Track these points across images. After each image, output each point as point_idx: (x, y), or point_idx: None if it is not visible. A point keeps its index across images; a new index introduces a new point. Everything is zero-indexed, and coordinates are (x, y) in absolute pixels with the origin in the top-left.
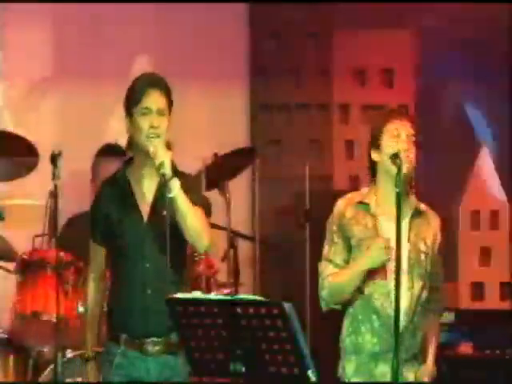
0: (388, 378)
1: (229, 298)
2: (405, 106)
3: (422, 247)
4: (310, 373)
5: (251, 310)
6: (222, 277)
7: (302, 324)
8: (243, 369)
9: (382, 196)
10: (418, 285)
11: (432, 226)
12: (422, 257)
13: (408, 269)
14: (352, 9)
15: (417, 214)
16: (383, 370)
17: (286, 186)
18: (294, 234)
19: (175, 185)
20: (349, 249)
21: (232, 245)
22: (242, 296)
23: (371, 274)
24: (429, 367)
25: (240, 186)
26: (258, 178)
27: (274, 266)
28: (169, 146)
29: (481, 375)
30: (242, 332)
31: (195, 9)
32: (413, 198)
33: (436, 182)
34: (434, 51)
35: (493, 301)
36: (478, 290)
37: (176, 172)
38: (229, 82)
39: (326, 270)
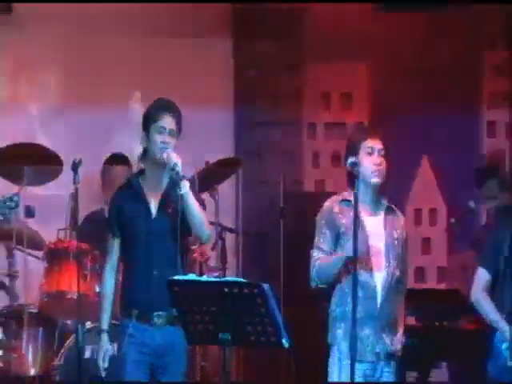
0: (371, 340)
1: (218, 279)
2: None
3: (395, 234)
4: (283, 341)
5: (236, 290)
6: (213, 262)
7: (277, 301)
8: (229, 337)
9: (360, 196)
10: (393, 263)
11: (400, 219)
12: (396, 242)
13: (385, 251)
14: (319, 44)
15: (389, 210)
16: (366, 333)
17: (264, 189)
18: (270, 227)
19: (186, 184)
20: (336, 238)
21: (220, 237)
22: (228, 278)
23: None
24: (400, 336)
25: (226, 188)
26: (241, 182)
27: (254, 253)
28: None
29: (422, 343)
30: (229, 307)
31: (191, 44)
32: (384, 199)
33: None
34: (385, 79)
35: (432, 282)
36: (420, 273)
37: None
38: (217, 104)
39: (316, 255)
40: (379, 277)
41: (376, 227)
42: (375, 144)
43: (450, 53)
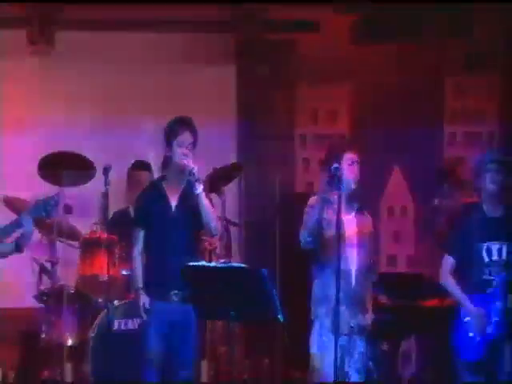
0: (346, 315)
1: (224, 265)
2: (344, 136)
3: (365, 230)
4: (279, 316)
5: (239, 273)
6: (219, 251)
7: (274, 283)
8: (233, 314)
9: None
10: (364, 253)
11: (369, 219)
12: (366, 236)
13: (357, 244)
14: (309, 69)
15: (359, 212)
16: (343, 310)
17: (263, 189)
18: (268, 221)
19: (200, 185)
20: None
21: (226, 229)
22: (233, 264)
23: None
24: (370, 316)
25: (231, 189)
26: (243, 184)
27: (254, 243)
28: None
29: (393, 318)
30: (233, 289)
31: (201, 68)
32: (356, 202)
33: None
34: (363, 99)
35: (402, 267)
36: (392, 260)
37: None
38: (223, 119)
39: (302, 228)
40: (353, 265)
41: (349, 224)
42: (354, 157)
43: (417, 77)
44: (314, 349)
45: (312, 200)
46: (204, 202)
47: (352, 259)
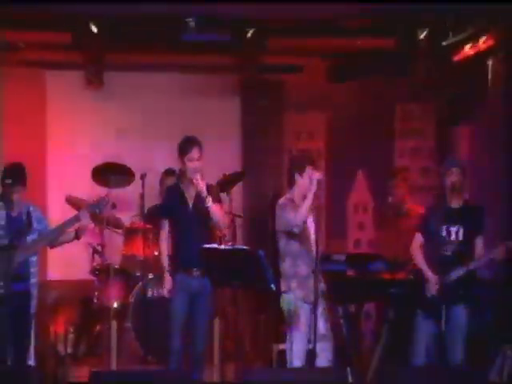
0: (311, 285)
1: (231, 247)
2: (320, 150)
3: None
4: (272, 286)
5: (242, 253)
6: (227, 237)
7: (268, 261)
8: (239, 282)
9: (300, 197)
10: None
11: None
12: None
13: (315, 234)
14: (295, 101)
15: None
16: (310, 282)
17: (260, 191)
18: (263, 215)
19: (210, 199)
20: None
21: (232, 220)
22: (237, 246)
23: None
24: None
25: (237, 190)
26: (246, 186)
27: (253, 231)
28: (202, 174)
29: (355, 286)
30: (238, 264)
31: (214, 101)
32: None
33: (339, 190)
34: (336, 123)
35: (364, 249)
36: (357, 243)
37: (208, 185)
38: (231, 138)
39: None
40: (314, 247)
41: (310, 221)
42: (313, 171)
43: (375, 105)
44: (286, 315)
45: (283, 199)
46: (214, 210)
47: (313, 244)
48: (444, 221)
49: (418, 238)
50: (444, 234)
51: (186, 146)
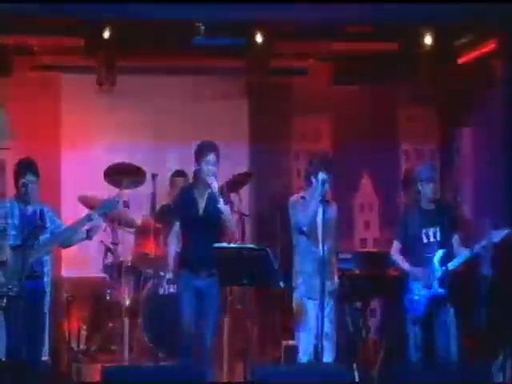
0: (318, 283)
1: (240, 246)
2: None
3: (331, 219)
4: (281, 283)
5: (251, 251)
6: (236, 235)
7: (275, 258)
8: (247, 280)
9: (311, 195)
10: (330, 238)
11: (334, 209)
12: (330, 223)
13: (323, 230)
14: (300, 103)
15: (326, 203)
16: (317, 280)
17: (268, 191)
18: (271, 214)
19: (221, 199)
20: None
21: (241, 219)
22: (246, 245)
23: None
24: (336, 281)
25: (245, 191)
26: (254, 187)
27: (261, 230)
28: (216, 177)
29: (363, 284)
30: (246, 262)
31: (224, 104)
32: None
33: (345, 190)
34: (340, 125)
35: (370, 248)
36: (363, 242)
37: (220, 186)
38: (239, 139)
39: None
40: (320, 245)
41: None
42: (325, 173)
43: (379, 107)
44: (295, 309)
45: (295, 197)
46: (224, 210)
47: (320, 242)
48: (421, 224)
49: (395, 245)
50: (423, 237)
51: (205, 150)
